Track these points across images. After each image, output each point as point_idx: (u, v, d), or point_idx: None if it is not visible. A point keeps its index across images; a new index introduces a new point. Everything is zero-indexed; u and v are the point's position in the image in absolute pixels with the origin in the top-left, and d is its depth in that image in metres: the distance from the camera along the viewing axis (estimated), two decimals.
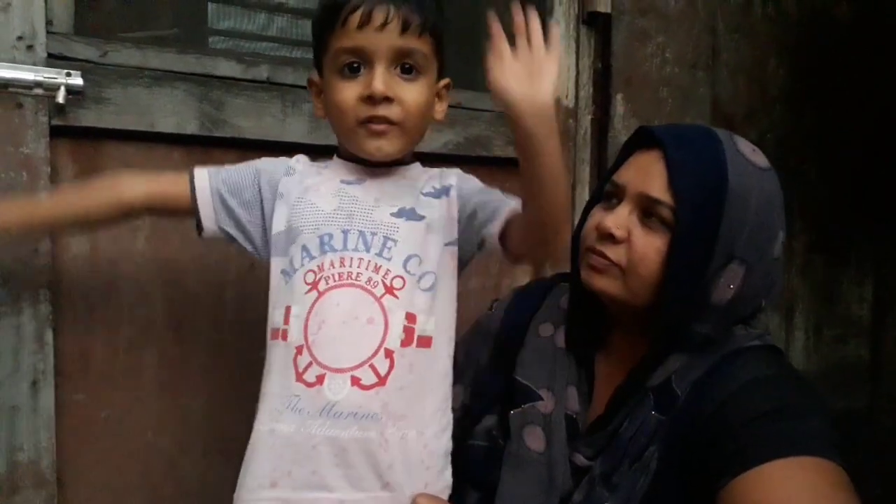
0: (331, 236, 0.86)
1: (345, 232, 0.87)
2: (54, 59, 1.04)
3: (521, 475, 0.92)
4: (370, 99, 0.84)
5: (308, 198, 0.90)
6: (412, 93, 0.87)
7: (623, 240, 0.87)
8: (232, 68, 1.20)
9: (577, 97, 1.68)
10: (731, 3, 1.88)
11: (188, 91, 1.15)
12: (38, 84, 1.01)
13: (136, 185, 0.91)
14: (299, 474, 0.81)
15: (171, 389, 1.20)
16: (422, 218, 0.89)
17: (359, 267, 0.85)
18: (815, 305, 2.01)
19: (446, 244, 0.90)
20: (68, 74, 1.03)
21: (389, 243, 0.86)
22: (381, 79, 0.84)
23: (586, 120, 1.71)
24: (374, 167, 0.92)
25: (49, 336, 1.06)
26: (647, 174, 0.88)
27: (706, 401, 0.83)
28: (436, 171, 0.97)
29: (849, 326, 2.10)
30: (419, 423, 0.85)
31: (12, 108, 1.01)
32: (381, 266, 0.85)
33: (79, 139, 1.09)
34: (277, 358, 0.86)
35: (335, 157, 0.96)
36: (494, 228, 0.89)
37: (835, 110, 2.01)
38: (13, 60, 1.00)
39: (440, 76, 0.94)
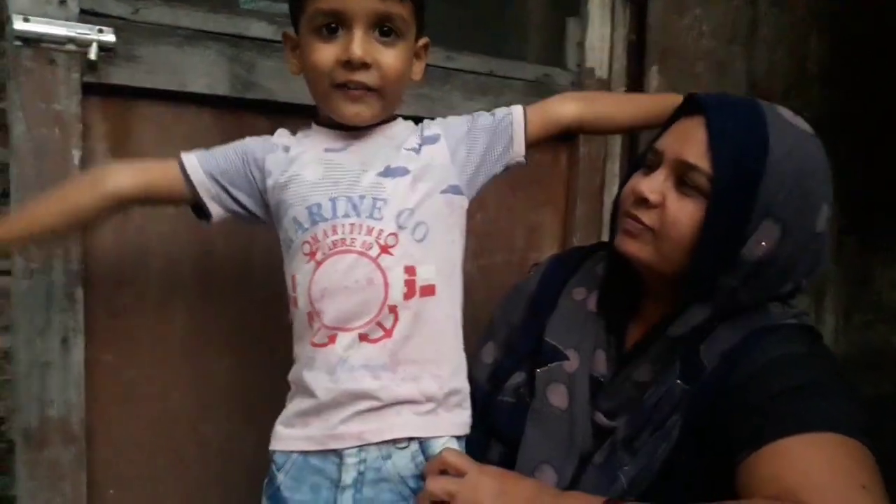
0: (319, 206, 0.86)
1: (332, 200, 0.86)
2: (86, 15, 1.03)
3: (543, 431, 0.94)
4: (348, 64, 0.83)
5: (293, 170, 0.89)
6: (390, 58, 0.85)
7: (658, 204, 0.88)
8: (263, 29, 1.18)
9: (610, 69, 1.65)
10: None
11: (220, 51, 1.14)
12: (71, 40, 1.00)
13: (121, 176, 0.89)
14: (326, 415, 0.86)
15: (196, 352, 1.21)
16: (407, 172, 0.89)
17: (351, 232, 0.85)
18: (846, 289, 1.98)
19: (441, 192, 0.90)
20: (100, 31, 1.02)
21: (379, 203, 0.86)
22: (359, 43, 0.82)
23: (620, 92, 1.68)
24: (355, 130, 0.91)
25: (79, 293, 1.06)
26: (687, 140, 0.88)
27: (734, 373, 0.83)
28: (424, 124, 0.97)
29: (879, 311, 2.07)
30: (431, 366, 0.88)
31: (45, 64, 1.00)
32: (373, 227, 0.86)
33: (110, 97, 1.08)
34: (296, 322, 0.91)
35: (313, 125, 0.94)
36: (520, 150, 0.97)
37: (874, 90, 1.96)
38: (46, 15, 0.99)
39: (418, 36, 0.92)
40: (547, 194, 1.64)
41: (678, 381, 0.87)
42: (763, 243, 0.84)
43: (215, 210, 0.93)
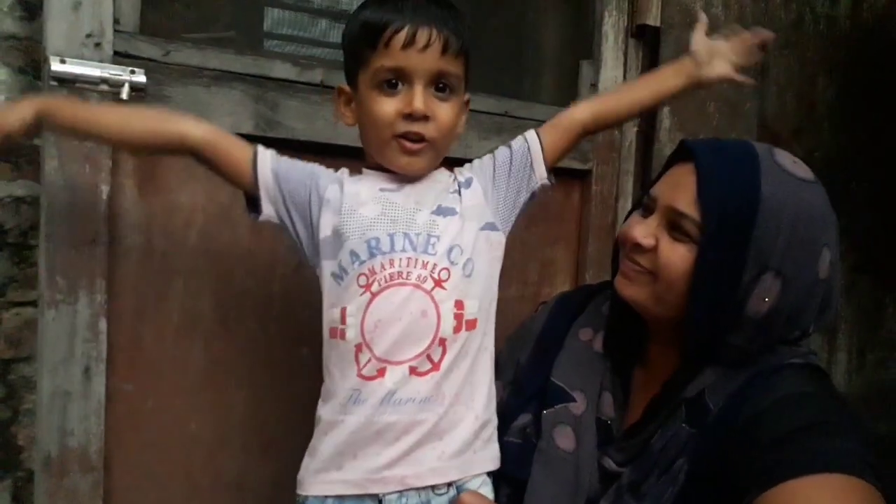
0: (378, 240, 0.89)
1: (391, 235, 0.90)
2: (120, 57, 1.07)
3: (550, 474, 0.94)
4: (409, 116, 0.88)
5: (350, 205, 0.92)
6: (446, 112, 0.91)
7: (650, 248, 0.89)
8: (287, 70, 1.22)
9: None
10: (781, 19, 1.87)
11: (245, 91, 1.17)
12: (104, 80, 1.04)
13: (195, 125, 0.93)
14: (364, 456, 0.87)
15: (214, 383, 1.23)
16: (455, 212, 0.93)
17: (408, 266, 0.88)
18: (859, 327, 1.98)
19: (480, 229, 0.94)
20: (132, 72, 1.06)
21: (433, 239, 0.90)
22: (420, 98, 0.88)
23: (632, 132, 1.71)
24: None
25: (103, 325, 1.09)
26: (677, 187, 0.89)
27: (740, 414, 0.83)
28: (461, 169, 1.01)
29: (893, 349, 2.06)
30: (469, 398, 0.91)
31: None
32: (427, 262, 0.89)
33: None
34: (337, 355, 0.91)
35: (364, 169, 0.98)
36: (542, 173, 0.99)
37: (884, 130, 1.98)
38: (81, 57, 1.03)
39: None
40: (560, 230, 1.66)
41: (683, 426, 0.87)
42: (766, 299, 0.84)
43: (268, 210, 0.95)
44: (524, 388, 1.05)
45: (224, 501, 1.25)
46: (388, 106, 0.89)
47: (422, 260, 0.89)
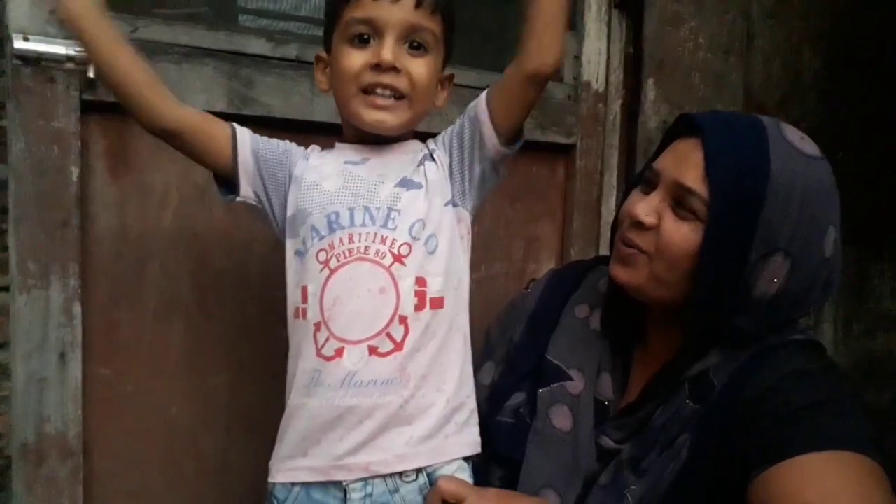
0: (338, 214, 0.87)
1: (351, 209, 0.88)
2: None
3: (545, 453, 0.93)
4: (377, 67, 0.85)
5: (313, 180, 0.91)
6: (419, 66, 0.87)
7: (652, 227, 0.86)
8: (261, 46, 1.19)
9: (607, 82, 1.66)
10: None
11: (217, 68, 1.14)
12: (70, 58, 1.01)
13: (185, 108, 0.90)
14: (327, 443, 0.84)
15: (195, 365, 1.21)
16: (420, 186, 0.90)
17: (366, 240, 0.86)
18: (845, 298, 1.98)
19: (445, 204, 0.91)
20: None
21: (393, 213, 0.87)
22: (389, 48, 0.85)
23: (616, 105, 1.69)
24: (376, 144, 0.92)
25: (77, 309, 1.07)
26: (683, 162, 0.85)
27: (744, 391, 0.82)
28: (429, 141, 0.97)
29: (878, 321, 2.06)
30: (439, 381, 0.87)
31: (44, 83, 1.01)
32: (387, 237, 0.86)
33: (109, 114, 1.08)
34: (299, 336, 0.89)
35: (336, 143, 0.96)
36: (494, 141, 0.89)
37: (870, 101, 1.97)
38: (45, 34, 1.00)
39: (445, 64, 0.94)
40: (545, 206, 1.64)
41: (687, 402, 0.86)
42: (775, 280, 0.82)
43: (246, 191, 0.93)
44: (517, 366, 1.03)
45: (208, 485, 1.24)
46: (356, 58, 0.86)
47: (381, 235, 0.86)
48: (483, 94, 0.91)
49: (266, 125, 1.18)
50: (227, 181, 0.93)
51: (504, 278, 1.60)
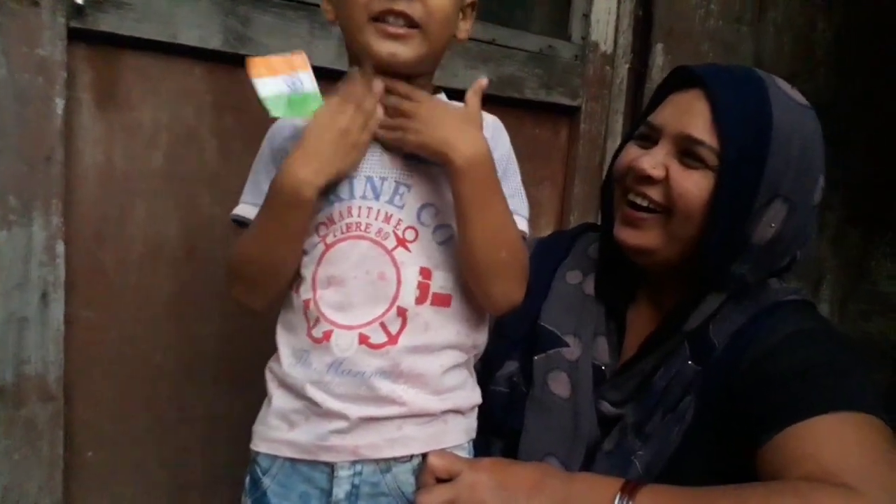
0: (336, 185, 0.79)
1: (350, 179, 0.79)
2: None
3: (545, 421, 0.90)
4: None
5: None
6: None
7: (660, 179, 0.84)
8: None
9: (615, 44, 1.61)
10: None
11: (213, 2, 1.09)
12: None
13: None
14: (315, 422, 0.79)
15: (181, 314, 1.18)
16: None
17: (367, 217, 0.78)
18: (844, 279, 1.96)
19: None
20: None
21: (402, 189, 0.79)
22: None
23: (623, 69, 1.64)
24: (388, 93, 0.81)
25: (60, 248, 1.03)
26: (688, 114, 0.84)
27: (747, 351, 0.81)
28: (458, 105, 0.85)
29: (875, 303, 2.05)
30: (434, 383, 0.80)
31: (28, 6, 0.96)
32: (392, 215, 0.78)
33: (97, 45, 1.04)
34: (290, 308, 0.82)
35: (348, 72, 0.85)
36: None
37: (882, 80, 1.93)
38: None
39: None
40: (546, 170, 1.61)
41: (689, 363, 0.84)
42: (772, 225, 0.82)
43: None
44: (508, 333, 1.00)
45: (191, 435, 1.21)
46: None
47: (385, 211, 0.78)
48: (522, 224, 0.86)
49: None
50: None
51: None
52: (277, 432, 0.81)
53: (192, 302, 1.18)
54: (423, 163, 0.79)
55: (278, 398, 0.82)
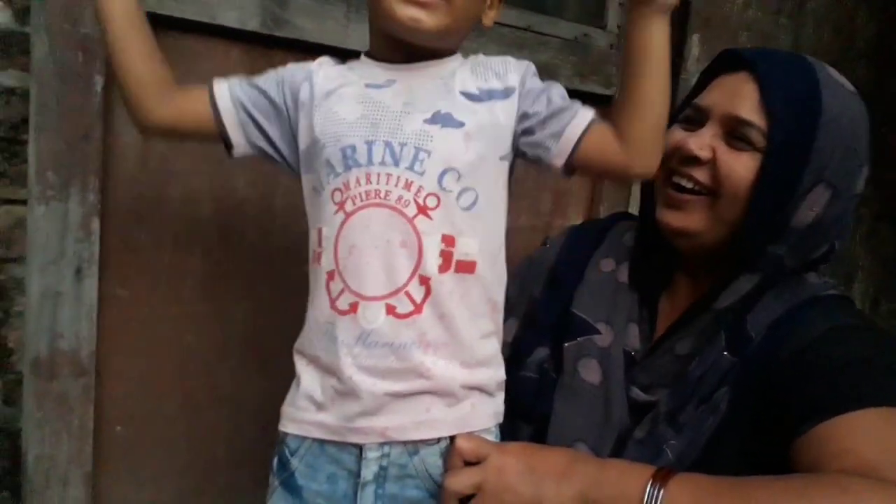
0: (353, 149, 0.77)
1: (369, 143, 0.76)
2: None
3: (575, 407, 0.89)
4: None
5: (329, 105, 0.80)
6: None
7: (707, 160, 0.83)
8: None
9: None
10: None
11: None
12: None
13: (169, 102, 0.83)
14: (342, 402, 0.78)
15: (213, 294, 1.19)
16: (461, 124, 0.77)
17: (387, 184, 0.76)
18: (876, 276, 1.93)
19: (500, 158, 0.80)
20: None
21: (422, 155, 0.76)
22: None
23: None
24: (407, 62, 0.81)
25: (96, 225, 1.03)
26: (736, 95, 0.84)
27: (786, 344, 0.79)
28: (485, 60, 0.83)
29: None
30: (461, 352, 0.79)
31: None
32: (412, 182, 0.75)
33: None
34: (314, 282, 0.81)
35: (362, 56, 0.85)
36: (559, 160, 0.81)
37: None
38: None
39: None
40: None
41: (725, 353, 0.83)
42: (813, 209, 0.82)
43: (237, 140, 0.84)
44: (539, 320, 0.99)
45: (220, 415, 1.22)
46: None
47: (405, 178, 0.76)
48: (587, 115, 0.80)
49: (298, 49, 1.14)
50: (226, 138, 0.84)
51: (529, 231, 1.56)
52: (306, 413, 0.81)
53: (225, 283, 1.19)
54: (442, 126, 0.77)
55: (306, 378, 0.81)
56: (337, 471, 0.80)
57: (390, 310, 0.76)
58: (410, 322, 0.76)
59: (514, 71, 0.82)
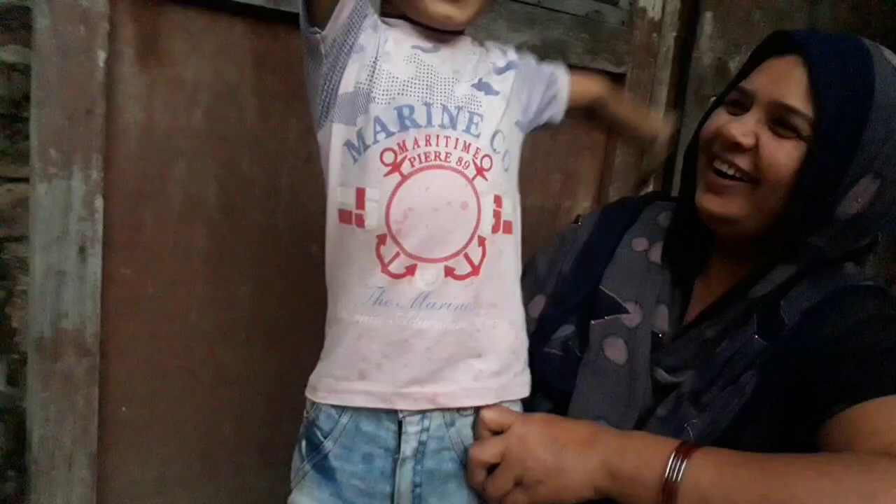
0: (412, 109, 0.75)
1: (427, 105, 0.76)
2: None
3: (598, 385, 0.88)
4: None
5: (380, 59, 0.77)
6: None
7: (750, 147, 0.80)
8: None
9: (663, 10, 1.56)
10: None
11: None
12: None
13: None
14: (390, 367, 0.76)
15: (217, 273, 1.17)
16: (497, 93, 0.81)
17: (447, 146, 0.75)
18: (889, 258, 1.90)
19: (515, 123, 0.84)
20: None
21: (476, 118, 0.78)
22: None
23: (670, 37, 1.59)
24: (443, 33, 0.81)
25: (99, 203, 1.02)
26: (784, 81, 0.80)
27: (820, 330, 0.78)
28: (493, 45, 0.88)
29: None
30: (508, 312, 0.81)
31: None
32: (470, 144, 0.76)
33: None
34: (354, 245, 0.77)
35: (391, 19, 0.82)
36: (561, 109, 0.93)
37: None
38: None
39: None
40: (587, 139, 1.57)
41: (755, 336, 0.81)
42: (858, 200, 0.78)
43: (330, 30, 0.74)
44: (567, 297, 0.98)
45: (225, 395, 1.22)
46: None
47: (464, 140, 0.76)
48: (565, 75, 0.93)
49: None
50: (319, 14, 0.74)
51: (538, 212, 1.54)
52: (346, 383, 0.78)
53: (229, 262, 1.17)
54: (486, 93, 0.80)
55: (347, 345, 0.78)
56: (373, 450, 0.78)
57: (449, 272, 0.76)
58: (468, 283, 0.76)
59: (511, 50, 0.88)
